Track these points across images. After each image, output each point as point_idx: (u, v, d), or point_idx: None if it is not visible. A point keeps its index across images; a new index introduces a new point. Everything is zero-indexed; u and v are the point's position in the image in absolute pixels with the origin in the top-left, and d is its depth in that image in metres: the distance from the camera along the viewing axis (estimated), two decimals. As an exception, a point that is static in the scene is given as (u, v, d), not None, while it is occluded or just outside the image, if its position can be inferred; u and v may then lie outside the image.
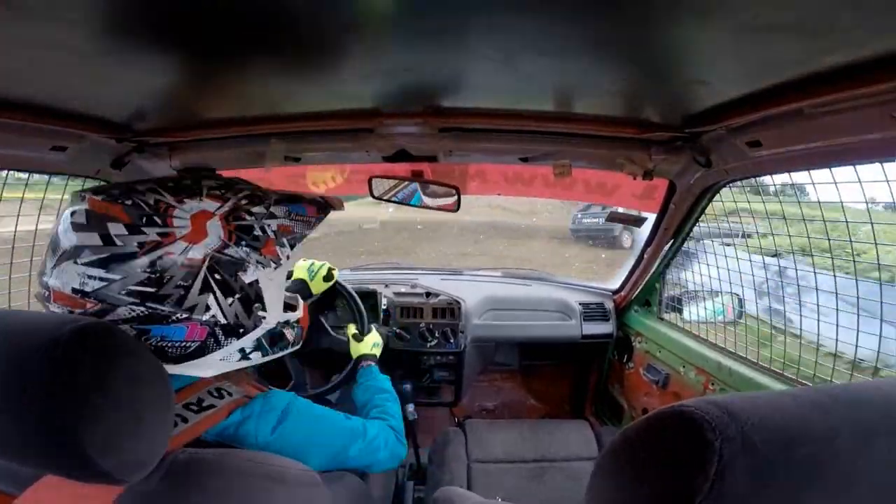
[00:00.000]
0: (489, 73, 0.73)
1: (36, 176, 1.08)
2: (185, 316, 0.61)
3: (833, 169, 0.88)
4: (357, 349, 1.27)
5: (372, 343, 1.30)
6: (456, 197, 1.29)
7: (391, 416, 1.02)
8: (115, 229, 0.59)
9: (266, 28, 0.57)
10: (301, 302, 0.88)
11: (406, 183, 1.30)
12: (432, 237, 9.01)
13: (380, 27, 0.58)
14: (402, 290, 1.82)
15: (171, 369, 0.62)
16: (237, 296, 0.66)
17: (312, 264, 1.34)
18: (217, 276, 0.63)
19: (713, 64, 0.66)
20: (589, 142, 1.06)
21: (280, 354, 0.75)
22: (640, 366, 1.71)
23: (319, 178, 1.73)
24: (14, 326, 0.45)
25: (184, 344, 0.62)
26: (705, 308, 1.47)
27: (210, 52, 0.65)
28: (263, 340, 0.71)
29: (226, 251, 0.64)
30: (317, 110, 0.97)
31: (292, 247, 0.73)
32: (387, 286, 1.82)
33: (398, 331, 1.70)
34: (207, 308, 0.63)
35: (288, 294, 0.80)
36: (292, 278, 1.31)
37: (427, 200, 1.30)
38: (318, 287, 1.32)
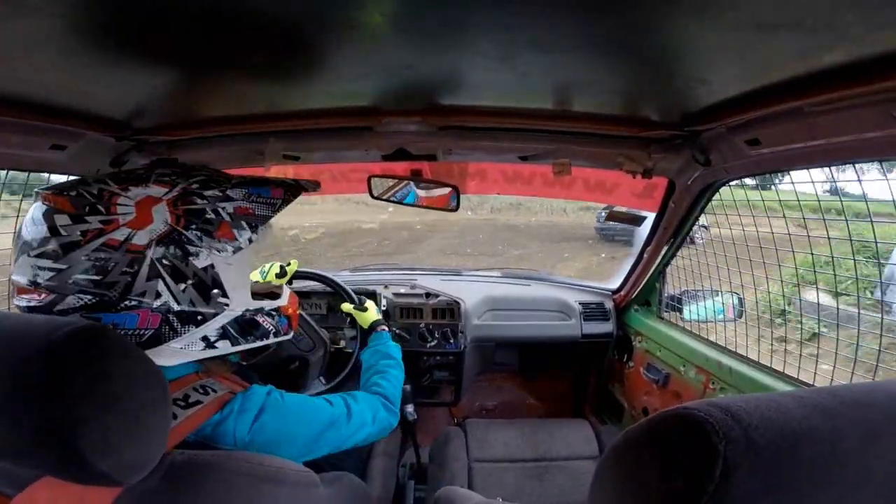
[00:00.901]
0: (489, 71, 0.73)
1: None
2: (134, 303, 0.61)
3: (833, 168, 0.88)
4: (366, 318, 1.30)
5: (375, 309, 1.33)
6: (455, 196, 1.29)
7: (389, 382, 1.02)
8: (61, 220, 0.60)
9: (265, 26, 0.57)
10: (287, 291, 0.86)
11: (405, 182, 1.29)
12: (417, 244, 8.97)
13: (379, 25, 0.58)
14: (402, 290, 1.82)
15: None
16: (190, 281, 0.64)
17: (262, 268, 1.33)
18: (165, 262, 0.62)
19: (713, 62, 0.66)
20: (588, 140, 1.06)
21: (258, 344, 0.73)
22: (640, 365, 1.71)
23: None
24: (9, 328, 0.45)
25: (137, 332, 0.61)
26: (705, 307, 1.47)
27: (209, 51, 0.65)
28: (230, 328, 0.69)
29: (172, 235, 0.63)
30: (316, 108, 0.97)
31: (253, 229, 0.70)
32: (386, 287, 1.82)
33: (398, 331, 1.70)
34: (158, 294, 0.62)
35: (274, 284, 0.79)
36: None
37: (426, 200, 1.30)
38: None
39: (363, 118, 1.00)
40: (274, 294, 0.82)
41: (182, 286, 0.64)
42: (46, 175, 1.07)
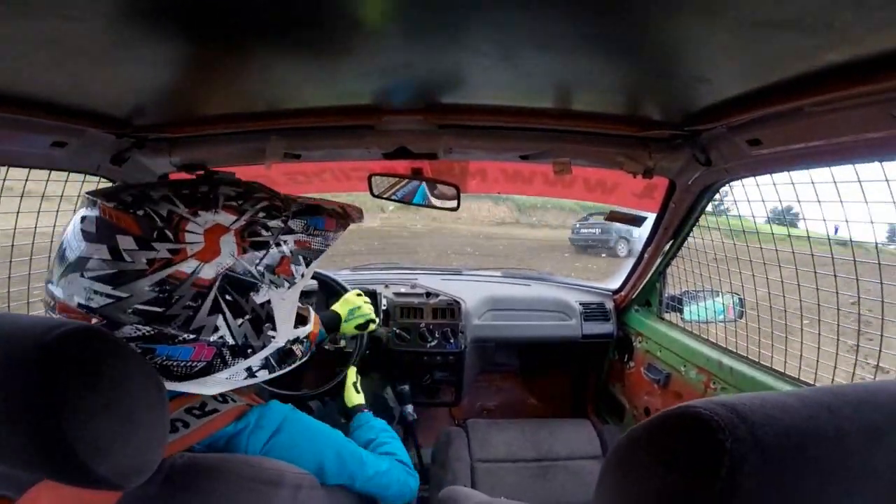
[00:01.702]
0: (489, 70, 0.73)
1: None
2: (192, 337, 0.59)
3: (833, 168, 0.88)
4: (352, 399, 1.20)
5: (361, 396, 1.23)
6: (456, 195, 1.29)
7: (399, 450, 0.99)
8: (125, 243, 0.56)
9: (267, 24, 0.57)
10: (313, 315, 0.84)
11: (406, 181, 1.30)
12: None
13: (380, 23, 0.58)
14: (402, 290, 1.82)
15: (174, 386, 0.61)
16: (247, 317, 0.62)
17: (359, 308, 1.26)
18: (228, 297, 0.60)
19: (713, 61, 0.66)
20: (589, 139, 1.06)
21: (286, 370, 0.72)
22: (640, 365, 1.71)
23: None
24: (3, 330, 0.44)
25: (189, 363, 0.60)
26: (706, 307, 1.47)
27: (210, 48, 0.65)
28: (271, 359, 0.68)
29: (238, 270, 0.61)
30: (317, 106, 0.97)
31: (308, 264, 0.69)
32: (387, 286, 1.82)
33: (398, 331, 1.70)
34: (216, 329, 0.60)
35: (300, 306, 0.75)
36: (331, 308, 1.27)
37: (426, 199, 1.30)
38: (346, 330, 1.25)
39: (364, 116, 1.00)
40: (303, 318, 0.79)
41: (239, 321, 0.62)
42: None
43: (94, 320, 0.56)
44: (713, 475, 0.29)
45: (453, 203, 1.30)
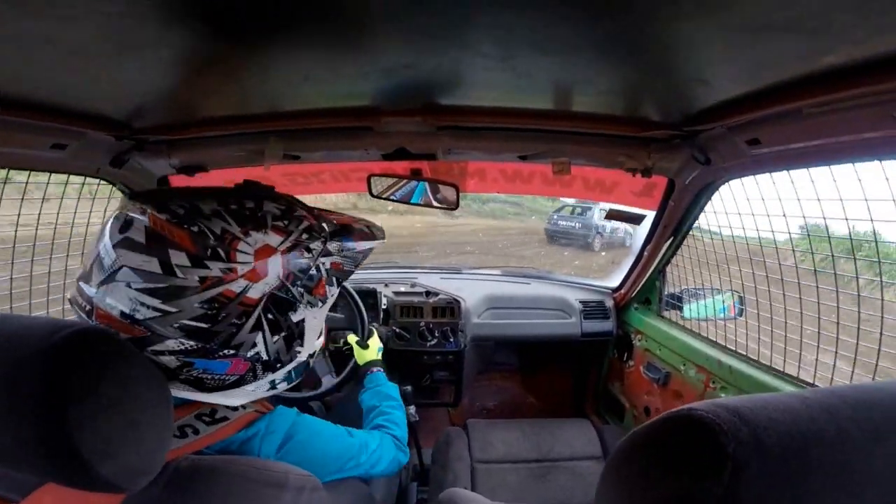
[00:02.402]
0: (489, 71, 0.73)
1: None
2: (231, 353, 0.60)
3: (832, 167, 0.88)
4: (363, 356, 1.29)
5: (377, 348, 1.32)
6: (455, 195, 1.29)
7: (396, 423, 1.03)
8: (178, 258, 0.56)
9: (266, 25, 0.57)
10: (324, 325, 0.86)
11: (405, 181, 1.29)
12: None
13: (380, 24, 0.58)
14: (402, 289, 1.82)
15: (202, 398, 0.62)
16: (283, 334, 0.64)
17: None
18: (269, 316, 0.62)
19: (713, 63, 0.66)
20: (588, 140, 1.06)
21: (297, 381, 0.73)
22: (640, 364, 1.72)
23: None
24: (9, 331, 0.44)
25: (223, 377, 0.61)
26: (706, 306, 1.47)
27: (210, 50, 0.65)
28: (293, 372, 0.70)
29: (282, 291, 0.62)
30: (316, 108, 0.97)
31: (339, 284, 0.72)
32: (386, 285, 1.82)
33: (398, 330, 1.70)
34: (254, 345, 0.61)
35: None
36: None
37: (425, 198, 1.30)
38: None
39: (363, 118, 1.00)
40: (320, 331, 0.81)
41: (276, 338, 0.63)
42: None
43: (136, 331, 0.55)
44: (716, 479, 0.29)
45: (452, 203, 1.30)
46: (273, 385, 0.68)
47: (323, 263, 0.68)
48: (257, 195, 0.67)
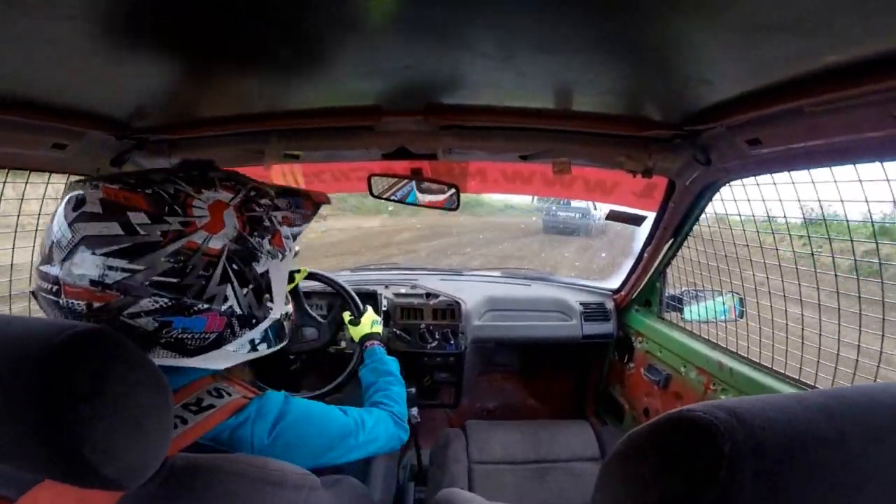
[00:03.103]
0: (489, 71, 0.73)
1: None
2: (205, 307, 0.62)
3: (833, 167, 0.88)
4: (357, 332, 1.31)
5: (371, 322, 1.34)
6: (455, 195, 1.29)
7: (394, 400, 1.03)
8: (137, 218, 0.58)
9: (267, 25, 0.57)
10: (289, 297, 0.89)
11: (405, 181, 1.30)
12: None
13: (381, 25, 0.58)
14: (403, 290, 1.82)
15: (186, 362, 0.64)
16: (251, 286, 0.67)
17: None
18: (234, 267, 0.64)
19: (713, 63, 0.66)
20: (588, 140, 1.06)
21: (279, 347, 0.75)
22: (640, 366, 1.71)
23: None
24: (11, 332, 0.44)
25: (203, 335, 0.63)
26: (706, 308, 1.47)
27: (210, 50, 0.65)
28: (269, 332, 0.72)
29: (241, 241, 0.65)
30: (317, 108, 0.97)
31: (294, 239, 0.75)
32: (387, 287, 1.82)
33: (398, 332, 1.70)
34: (225, 299, 0.64)
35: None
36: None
37: (426, 198, 1.30)
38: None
39: (364, 117, 1.00)
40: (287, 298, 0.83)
41: (245, 290, 0.66)
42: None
43: (111, 296, 0.57)
44: (712, 480, 0.29)
45: (453, 203, 1.30)
46: (254, 346, 0.70)
47: (275, 217, 0.71)
48: (201, 166, 0.71)
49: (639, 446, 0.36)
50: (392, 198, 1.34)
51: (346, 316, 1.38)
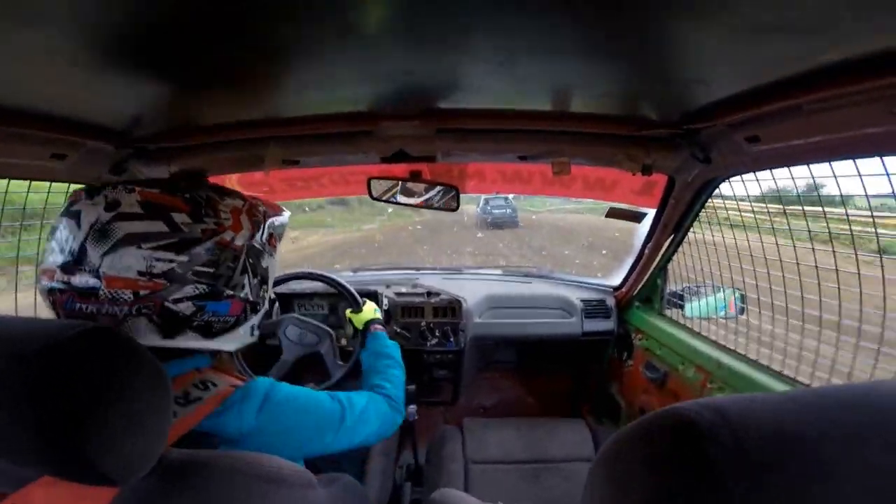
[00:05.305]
0: (487, 75, 0.73)
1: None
2: (231, 293, 0.71)
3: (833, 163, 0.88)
4: (360, 319, 1.37)
5: (373, 309, 1.39)
6: (455, 196, 1.29)
7: (390, 382, 1.06)
8: (179, 218, 0.67)
9: (265, 33, 0.57)
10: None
11: (405, 183, 1.30)
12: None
13: (379, 32, 0.58)
14: (403, 289, 1.83)
15: (208, 344, 0.72)
16: (258, 277, 0.77)
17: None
18: (250, 261, 0.74)
19: (710, 63, 0.66)
20: (587, 140, 1.06)
21: (256, 335, 0.83)
22: (639, 363, 1.71)
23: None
24: (15, 331, 0.45)
25: (226, 318, 0.72)
26: (706, 304, 1.47)
27: (208, 59, 0.65)
28: (262, 318, 0.82)
29: (252, 240, 0.76)
30: (315, 114, 0.97)
31: (280, 239, 0.85)
32: (388, 286, 1.82)
33: (399, 330, 1.71)
34: (244, 287, 0.73)
35: None
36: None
37: (425, 200, 1.30)
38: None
39: (362, 123, 1.00)
40: None
41: (255, 280, 0.76)
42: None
43: (158, 284, 0.64)
44: (697, 478, 0.29)
45: (453, 204, 1.31)
46: (252, 331, 0.79)
47: (270, 223, 0.82)
48: (193, 177, 0.79)
49: (626, 444, 0.36)
50: (392, 199, 1.34)
51: (348, 312, 1.42)
